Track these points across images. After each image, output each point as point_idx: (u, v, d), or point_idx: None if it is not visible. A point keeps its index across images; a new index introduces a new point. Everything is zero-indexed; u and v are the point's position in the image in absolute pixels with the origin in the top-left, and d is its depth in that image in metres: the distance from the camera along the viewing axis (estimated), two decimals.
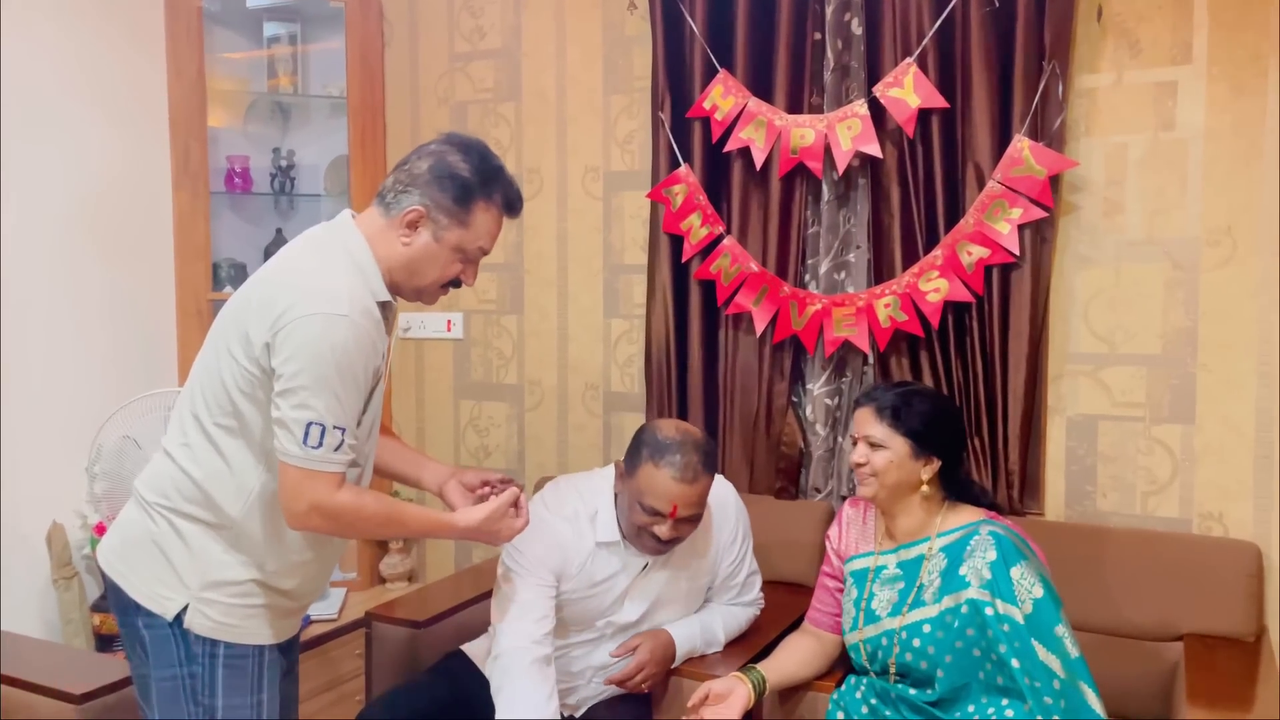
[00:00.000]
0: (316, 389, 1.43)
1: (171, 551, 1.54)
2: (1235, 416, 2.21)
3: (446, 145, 1.60)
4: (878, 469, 1.83)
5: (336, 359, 1.44)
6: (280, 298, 1.46)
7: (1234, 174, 2.19)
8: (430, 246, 1.57)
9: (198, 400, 1.54)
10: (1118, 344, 2.32)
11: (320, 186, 3.22)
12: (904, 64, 2.35)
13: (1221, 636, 2.09)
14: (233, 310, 1.54)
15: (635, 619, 2.04)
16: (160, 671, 1.54)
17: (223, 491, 1.53)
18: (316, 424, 1.44)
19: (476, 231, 1.59)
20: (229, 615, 1.54)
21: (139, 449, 2.36)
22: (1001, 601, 1.71)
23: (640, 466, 1.90)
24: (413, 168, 1.58)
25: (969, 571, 1.76)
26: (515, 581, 1.93)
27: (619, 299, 2.88)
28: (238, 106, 3.19)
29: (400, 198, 1.57)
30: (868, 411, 1.88)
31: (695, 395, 2.68)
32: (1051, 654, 1.68)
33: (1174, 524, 2.28)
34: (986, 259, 2.31)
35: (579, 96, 2.91)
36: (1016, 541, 1.78)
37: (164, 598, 1.53)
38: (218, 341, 1.53)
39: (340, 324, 1.44)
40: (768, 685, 1.91)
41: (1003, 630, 1.70)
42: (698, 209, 2.60)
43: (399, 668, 2.22)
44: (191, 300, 2.95)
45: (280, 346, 1.44)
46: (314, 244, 1.58)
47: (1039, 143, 2.25)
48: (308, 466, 1.46)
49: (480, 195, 1.58)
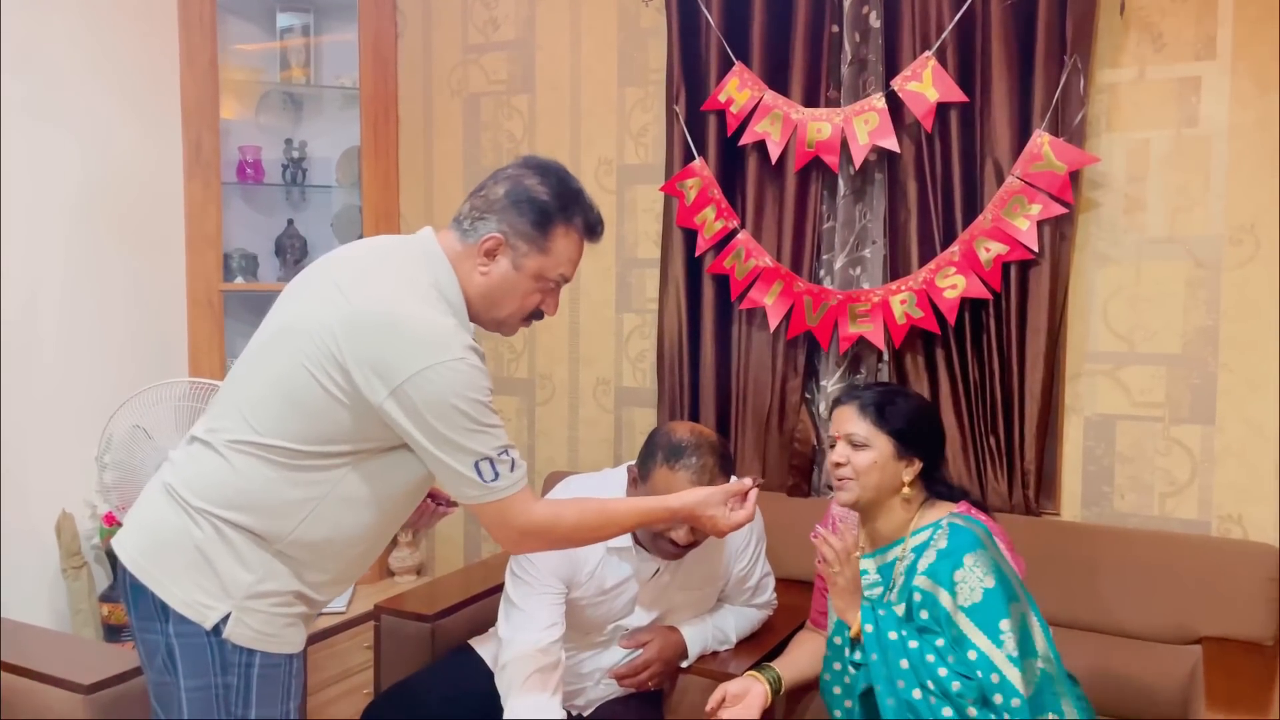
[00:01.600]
0: (463, 433, 1.41)
1: (217, 560, 1.45)
2: (1257, 417, 2.18)
3: (523, 169, 1.55)
4: (860, 469, 1.78)
5: (466, 399, 1.41)
6: (389, 352, 1.40)
7: (1258, 171, 2.16)
8: (509, 275, 1.52)
9: (258, 410, 1.46)
10: (1137, 343, 2.29)
11: (332, 178, 3.20)
12: (922, 57, 2.33)
13: (1240, 640, 2.07)
14: (307, 327, 1.45)
15: (646, 623, 2.02)
16: (191, 681, 1.47)
17: (282, 510, 1.46)
18: (483, 460, 1.43)
19: (557, 258, 1.54)
20: (269, 625, 1.48)
21: (149, 439, 2.35)
22: (934, 584, 1.68)
23: (655, 470, 1.87)
24: (489, 193, 1.53)
25: (922, 562, 1.73)
26: (523, 589, 1.90)
27: (631, 293, 2.86)
28: (250, 97, 3.18)
29: (477, 224, 1.52)
30: (850, 409, 1.82)
31: (707, 391, 2.66)
32: (993, 644, 1.62)
33: (1192, 526, 2.25)
34: (1005, 256, 2.28)
35: (593, 89, 2.89)
36: (978, 531, 1.72)
37: (205, 606, 1.45)
38: (290, 357, 1.45)
39: (458, 368, 1.41)
40: (783, 684, 1.89)
41: (931, 615, 1.68)
42: (712, 203, 2.58)
43: (408, 661, 2.21)
44: (202, 290, 2.94)
45: (405, 406, 1.40)
46: (406, 276, 1.48)
47: (1059, 138, 2.22)
48: (496, 499, 1.45)
49: (560, 219, 1.53)
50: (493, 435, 1.44)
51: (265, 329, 1.55)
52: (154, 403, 2.36)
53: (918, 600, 1.70)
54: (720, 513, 1.64)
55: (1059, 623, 2.10)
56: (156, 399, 2.36)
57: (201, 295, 2.94)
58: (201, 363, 2.93)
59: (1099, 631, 2.18)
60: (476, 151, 3.07)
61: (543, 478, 2.87)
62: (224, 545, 1.46)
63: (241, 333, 3.12)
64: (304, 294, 1.53)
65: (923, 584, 1.71)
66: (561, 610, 1.90)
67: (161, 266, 2.89)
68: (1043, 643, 1.69)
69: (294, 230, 3.16)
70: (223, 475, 1.47)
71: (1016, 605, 1.67)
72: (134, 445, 2.36)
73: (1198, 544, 2.17)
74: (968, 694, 1.60)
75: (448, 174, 3.12)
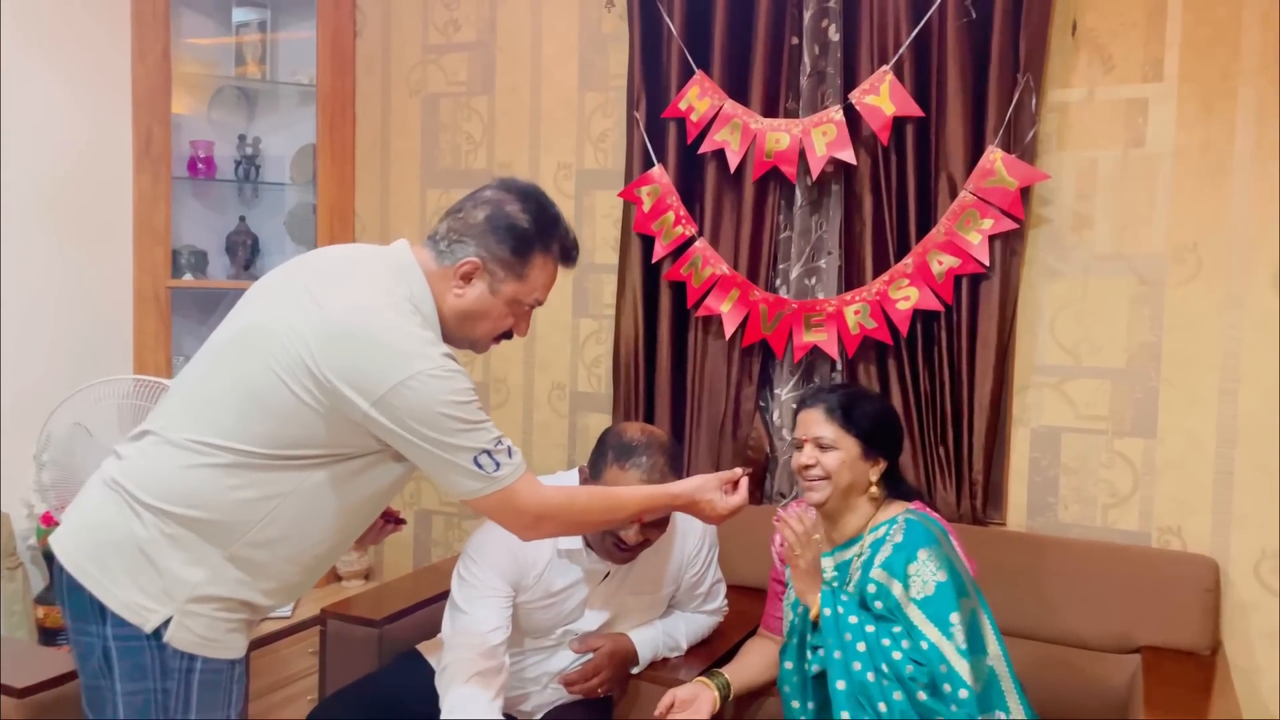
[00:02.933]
0: (456, 434, 1.41)
1: (160, 560, 1.41)
2: (1196, 431, 2.24)
3: (504, 193, 1.55)
4: (830, 470, 1.80)
5: (451, 403, 1.41)
6: (367, 364, 1.39)
7: (1201, 192, 2.22)
8: (485, 299, 1.52)
9: (219, 410, 1.43)
10: (1083, 357, 2.34)
11: (286, 175, 3.16)
12: (880, 72, 2.36)
13: (1178, 650, 2.11)
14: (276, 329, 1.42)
15: (594, 629, 2.01)
16: (129, 685, 1.43)
17: (236, 512, 1.43)
18: (481, 453, 1.43)
19: (533, 284, 1.55)
20: (212, 630, 1.45)
21: (90, 437, 2.29)
22: (888, 576, 1.71)
23: (605, 469, 1.88)
24: (468, 216, 1.53)
25: (879, 557, 1.76)
26: (468, 592, 1.89)
27: (588, 298, 2.86)
28: (203, 92, 3.12)
29: (455, 247, 1.51)
30: (816, 412, 1.85)
31: (663, 397, 2.66)
32: (944, 637, 1.66)
33: (1133, 537, 2.30)
34: (956, 269, 2.32)
35: (553, 93, 2.88)
36: (932, 528, 1.76)
37: (145, 609, 1.41)
38: (258, 360, 1.42)
39: (439, 374, 1.41)
40: (732, 690, 1.89)
41: (885, 605, 1.71)
42: (670, 210, 2.59)
43: (354, 667, 2.17)
44: (149, 286, 2.88)
45: (391, 417, 1.40)
46: (381, 287, 1.46)
47: (1011, 155, 2.27)
48: (500, 488, 1.45)
49: (539, 247, 1.54)
50: (485, 429, 1.44)
51: (228, 327, 1.51)
52: (96, 400, 2.31)
53: (872, 591, 1.73)
54: (717, 497, 1.68)
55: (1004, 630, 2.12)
56: (99, 396, 2.31)
57: (148, 291, 2.88)
58: (147, 360, 2.87)
59: (1042, 640, 2.21)
60: (435, 152, 3.04)
61: None
62: (169, 545, 1.42)
63: (189, 330, 3.06)
64: (273, 296, 1.50)
65: (878, 576, 1.73)
66: (508, 614, 1.89)
67: (108, 261, 2.83)
68: (993, 642, 1.72)
69: (245, 228, 3.11)
70: (176, 472, 1.43)
71: (967, 601, 1.70)
72: (74, 444, 2.31)
73: (1138, 555, 2.22)
74: (919, 678, 1.63)
75: (404, 174, 3.10)
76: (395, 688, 2.00)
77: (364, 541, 1.76)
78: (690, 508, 1.70)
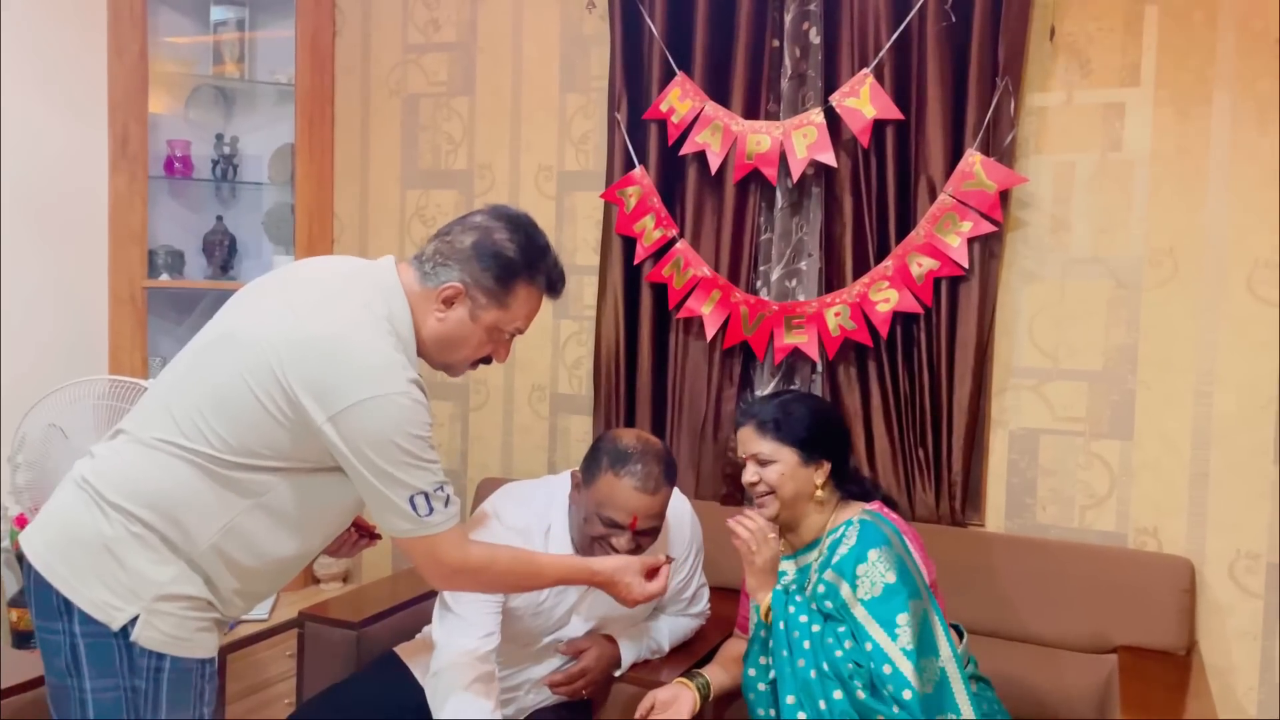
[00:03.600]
0: (400, 467, 1.41)
1: (127, 558, 1.42)
2: (1172, 434, 2.26)
3: (493, 220, 1.54)
4: (773, 484, 1.81)
5: (406, 434, 1.40)
6: (331, 377, 1.39)
7: (1177, 196, 2.24)
8: (465, 325, 1.52)
9: (190, 414, 1.43)
10: (1060, 359, 2.35)
11: (264, 175, 3.14)
12: (860, 74, 2.37)
13: (1154, 650, 2.13)
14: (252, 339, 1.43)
15: (581, 634, 2.01)
16: (97, 683, 1.42)
17: (196, 518, 1.43)
18: (418, 494, 1.42)
19: (515, 313, 1.55)
20: (180, 629, 1.44)
21: (65, 439, 2.27)
22: (836, 576, 1.72)
23: (600, 476, 1.86)
24: (455, 240, 1.52)
25: (835, 558, 1.76)
26: (460, 595, 1.87)
27: (569, 300, 2.85)
28: (180, 91, 3.10)
29: (439, 270, 1.51)
30: (749, 430, 1.85)
31: (644, 399, 2.66)
32: (889, 638, 1.66)
33: (1110, 538, 2.32)
34: (936, 271, 2.33)
35: (534, 94, 2.88)
36: (884, 528, 1.76)
37: (113, 607, 1.41)
38: (231, 366, 1.42)
39: (400, 402, 1.40)
40: (712, 690, 1.89)
41: (834, 605, 1.72)
42: (651, 211, 2.59)
43: (332, 670, 2.16)
44: (125, 286, 2.85)
45: (343, 434, 1.39)
46: (361, 303, 1.46)
47: (990, 158, 2.28)
48: (429, 533, 1.45)
49: (524, 277, 1.53)
50: (430, 471, 1.44)
51: (208, 332, 1.52)
52: (71, 401, 2.28)
53: (821, 592, 1.74)
54: (636, 581, 1.69)
55: (980, 631, 2.14)
56: (74, 397, 2.29)
57: (124, 291, 2.85)
58: (123, 361, 2.84)
59: (1019, 640, 2.23)
60: (414, 153, 3.03)
61: (475, 484, 2.84)
62: (136, 544, 1.42)
63: (166, 331, 3.04)
64: (254, 304, 1.51)
65: (829, 577, 1.74)
66: (498, 619, 1.88)
67: (83, 261, 2.80)
68: (945, 644, 1.72)
69: (223, 227, 3.09)
70: (143, 472, 1.44)
71: (918, 603, 1.70)
72: (49, 445, 2.28)
73: (1115, 556, 2.24)
74: (859, 678, 1.64)
75: (384, 175, 3.08)
76: (374, 691, 1.99)
77: (337, 554, 1.77)
78: (608, 586, 1.70)
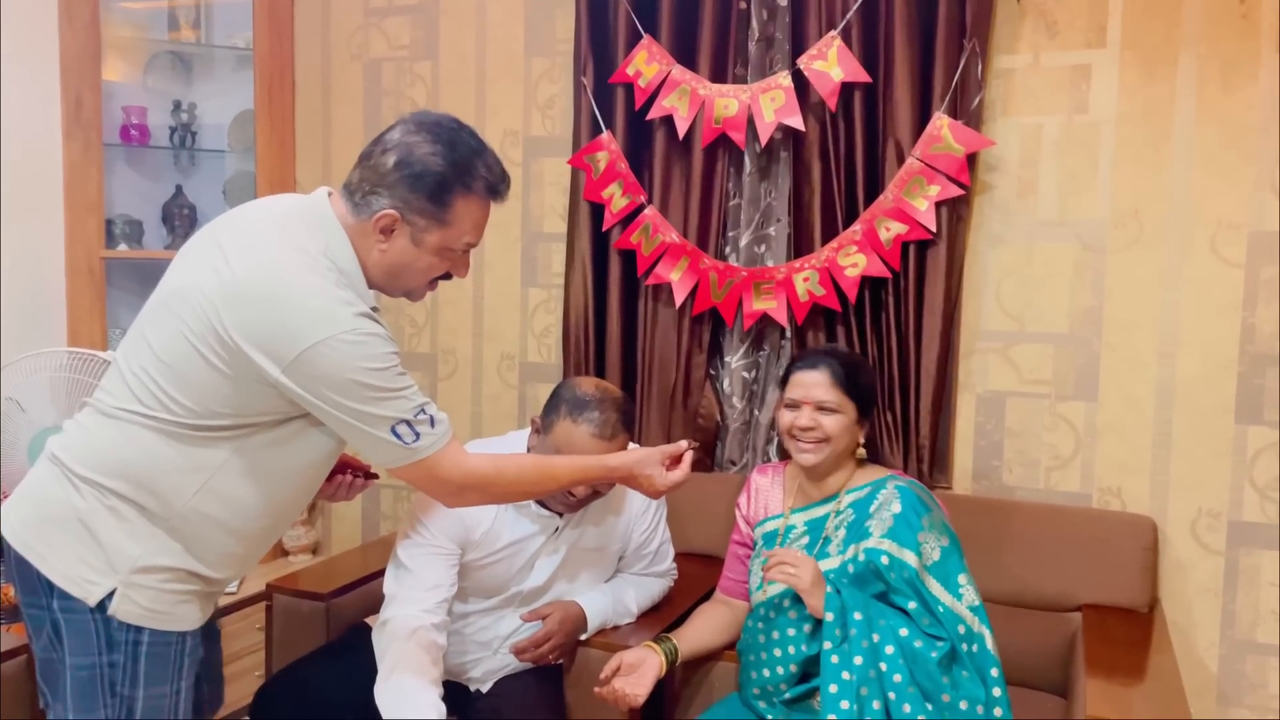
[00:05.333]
0: (371, 403, 1.36)
1: (101, 532, 1.39)
2: (1136, 395, 2.28)
3: (412, 133, 1.42)
4: (831, 434, 1.83)
5: (365, 370, 1.35)
6: (275, 327, 1.33)
7: (1143, 158, 2.25)
8: (409, 251, 1.44)
9: (143, 379, 1.39)
10: (1027, 322, 2.37)
11: (224, 142, 3.07)
12: (828, 37, 2.35)
13: (1118, 607, 2.16)
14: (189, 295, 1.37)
15: (543, 583, 2.01)
16: (77, 659, 1.41)
17: (170, 483, 1.40)
18: (399, 423, 1.38)
19: (460, 228, 1.44)
20: (158, 602, 1.42)
21: (23, 412, 2.23)
22: (899, 547, 1.74)
23: (558, 423, 1.88)
24: (377, 164, 1.41)
25: (875, 524, 1.79)
26: (411, 548, 1.88)
27: (537, 268, 2.83)
28: (138, 57, 3.02)
29: (369, 199, 1.41)
30: (821, 375, 1.86)
31: (613, 366, 2.65)
32: (955, 598, 1.71)
33: (1075, 498, 2.34)
34: (904, 235, 2.32)
35: (499, 58, 2.83)
36: (922, 495, 1.82)
37: (89, 581, 1.39)
38: (173, 325, 1.38)
39: (351, 338, 1.35)
40: (679, 654, 1.90)
41: (899, 577, 1.73)
42: (619, 177, 2.56)
43: (301, 642, 2.15)
44: (83, 257, 2.79)
45: (302, 383, 1.34)
46: (296, 244, 1.39)
47: (958, 121, 2.27)
48: (422, 457, 1.41)
49: (458, 188, 1.42)
50: (404, 398, 1.39)
51: (154, 295, 1.47)
52: (28, 374, 2.24)
53: (885, 563, 1.75)
54: (657, 472, 1.63)
55: None
56: (31, 370, 2.24)
57: (81, 262, 2.80)
58: (81, 333, 2.79)
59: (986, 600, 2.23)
60: (377, 119, 2.98)
61: None
62: (110, 517, 1.40)
63: (126, 302, 2.98)
64: (192, 258, 1.45)
65: (888, 548, 1.75)
66: (452, 573, 1.88)
67: (38, 231, 2.73)
68: None
69: (183, 196, 3.03)
70: (109, 443, 1.41)
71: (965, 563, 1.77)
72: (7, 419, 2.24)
73: (1079, 516, 2.27)
74: (927, 651, 1.66)
75: (346, 141, 3.03)
76: (343, 662, 1.98)
77: (334, 499, 1.72)
78: (629, 481, 1.65)
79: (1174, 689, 1.83)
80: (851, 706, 1.64)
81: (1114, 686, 1.82)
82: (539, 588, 2.01)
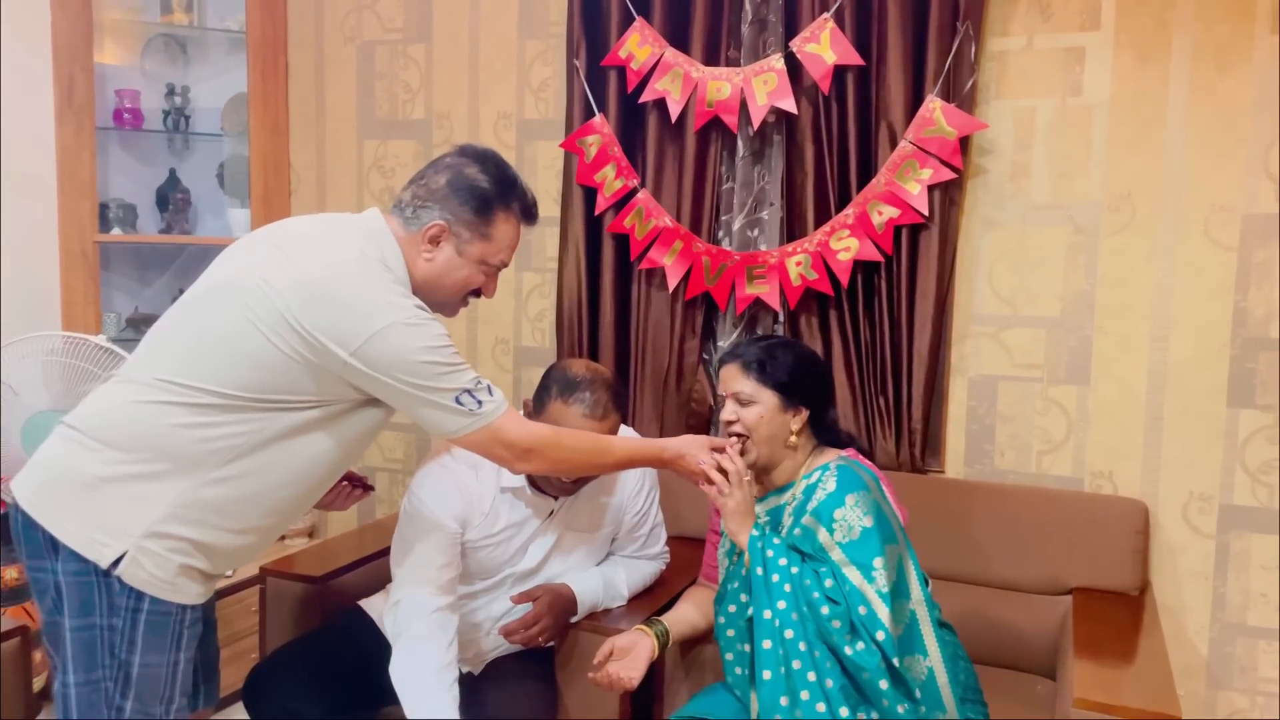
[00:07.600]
0: (435, 378, 1.49)
1: (119, 497, 1.46)
2: (1128, 379, 2.28)
3: (462, 158, 1.62)
4: (749, 425, 1.80)
5: (427, 349, 1.49)
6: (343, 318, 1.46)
7: (1136, 141, 2.24)
8: (453, 260, 1.60)
9: (189, 358, 1.48)
10: (1019, 306, 2.36)
11: (218, 126, 3.07)
12: (821, 19, 2.34)
13: (1109, 590, 2.17)
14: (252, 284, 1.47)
15: (536, 564, 2.01)
16: (76, 620, 1.46)
17: (194, 452, 1.47)
18: (462, 393, 1.51)
19: (498, 243, 1.62)
20: (163, 569, 1.47)
21: (16, 395, 2.24)
22: (815, 522, 1.73)
23: (549, 404, 1.88)
24: (430, 182, 1.60)
25: (812, 504, 1.77)
26: (416, 528, 1.88)
27: (531, 252, 2.82)
28: (129, 39, 3.01)
29: (420, 213, 1.59)
30: (734, 368, 1.85)
31: (607, 350, 2.65)
32: (866, 582, 1.67)
33: (1067, 482, 2.35)
34: (896, 219, 2.32)
35: (492, 41, 2.82)
36: (862, 474, 1.77)
37: (100, 543, 1.44)
38: (231, 309, 1.47)
39: (413, 322, 1.49)
40: (671, 638, 1.91)
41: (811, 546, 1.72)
42: (612, 161, 2.55)
43: (295, 624, 2.16)
44: (76, 241, 2.79)
45: (370, 365, 1.47)
46: (354, 248, 1.52)
47: (951, 104, 2.26)
48: (486, 424, 1.54)
49: (500, 206, 1.61)
50: (463, 371, 1.53)
51: (199, 286, 1.56)
52: (21, 357, 2.25)
53: (798, 535, 1.74)
54: (705, 455, 1.75)
55: (940, 575, 2.17)
56: (24, 353, 2.25)
57: (75, 246, 2.80)
58: (76, 317, 2.79)
59: (978, 584, 2.26)
60: (370, 101, 2.97)
61: None
62: (130, 482, 1.46)
63: (121, 286, 2.99)
64: (246, 255, 1.55)
65: (807, 522, 1.75)
66: (457, 551, 1.89)
67: (32, 215, 2.73)
68: (917, 588, 1.74)
69: (176, 179, 3.03)
70: (133, 410, 1.48)
71: (894, 547, 1.72)
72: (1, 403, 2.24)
73: (1071, 500, 2.27)
74: (836, 616, 1.65)
75: (340, 124, 3.02)
76: (337, 644, 1.99)
77: (330, 506, 1.81)
78: (675, 462, 1.76)
79: (1162, 672, 1.83)
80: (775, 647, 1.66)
81: (1102, 669, 1.82)
82: (532, 569, 2.02)
